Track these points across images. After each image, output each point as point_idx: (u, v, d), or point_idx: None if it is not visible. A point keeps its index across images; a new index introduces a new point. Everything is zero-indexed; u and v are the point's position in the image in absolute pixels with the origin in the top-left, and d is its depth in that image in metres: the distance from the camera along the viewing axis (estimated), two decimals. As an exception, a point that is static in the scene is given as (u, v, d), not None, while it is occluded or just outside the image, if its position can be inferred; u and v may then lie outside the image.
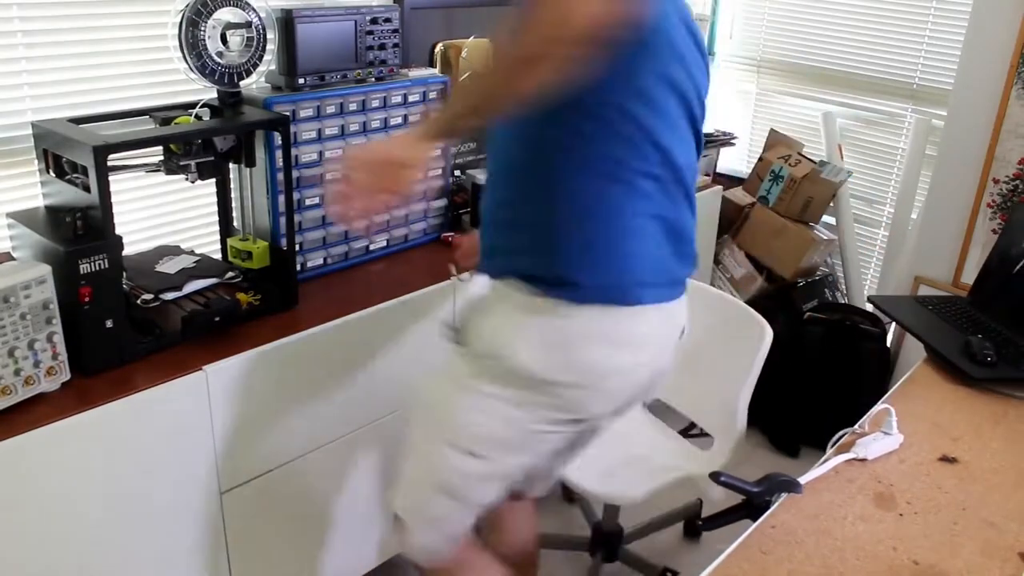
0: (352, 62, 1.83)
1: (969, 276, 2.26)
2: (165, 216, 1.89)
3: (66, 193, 1.45)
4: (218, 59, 1.52)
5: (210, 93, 1.59)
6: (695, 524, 2.18)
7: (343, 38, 1.80)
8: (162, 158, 1.57)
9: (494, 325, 1.27)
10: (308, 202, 1.82)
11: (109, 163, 1.37)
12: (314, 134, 1.79)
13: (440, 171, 2.07)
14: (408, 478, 1.38)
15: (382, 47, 1.88)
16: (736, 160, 3.25)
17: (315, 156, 1.80)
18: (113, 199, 1.37)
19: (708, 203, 2.67)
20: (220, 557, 1.61)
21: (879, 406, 1.41)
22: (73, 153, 1.40)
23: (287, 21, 1.69)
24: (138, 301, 1.54)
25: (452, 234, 2.11)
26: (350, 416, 1.76)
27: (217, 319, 1.55)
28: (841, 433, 1.37)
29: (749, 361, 1.75)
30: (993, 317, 1.74)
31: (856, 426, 1.38)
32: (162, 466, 1.46)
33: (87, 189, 1.38)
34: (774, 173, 2.79)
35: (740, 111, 3.27)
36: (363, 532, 1.90)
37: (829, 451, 1.35)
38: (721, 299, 1.93)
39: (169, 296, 1.58)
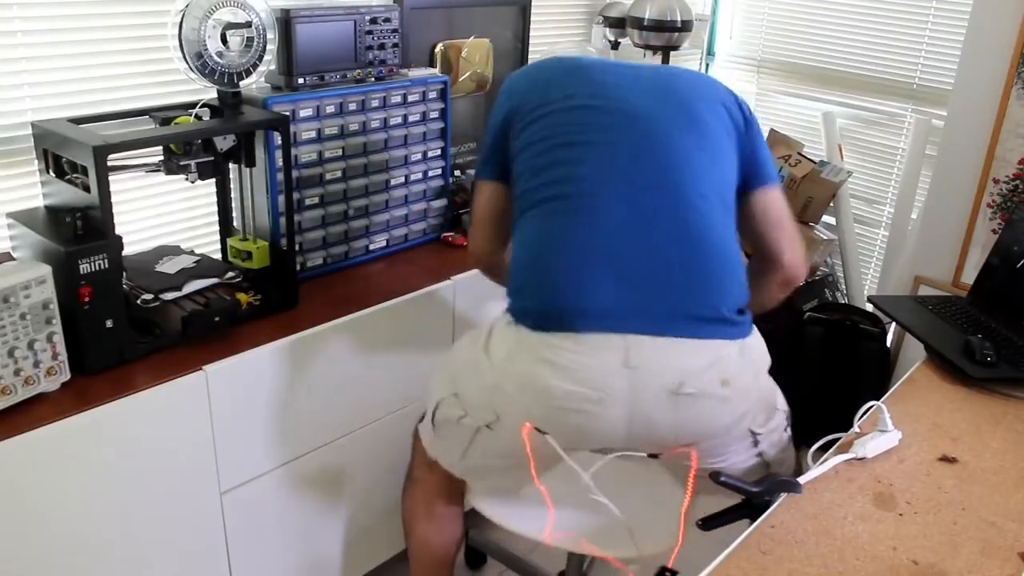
0: (352, 62, 1.83)
1: (969, 276, 2.26)
2: (165, 216, 1.89)
3: (66, 193, 1.45)
4: (218, 59, 1.52)
5: (210, 93, 1.59)
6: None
7: (343, 38, 1.80)
8: (162, 158, 1.57)
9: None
10: (308, 202, 1.82)
11: (109, 163, 1.37)
12: (314, 134, 1.79)
13: (440, 171, 2.07)
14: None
15: (382, 47, 1.88)
16: (736, 160, 3.25)
17: (315, 156, 1.80)
18: (113, 199, 1.37)
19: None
20: (220, 557, 1.61)
21: (868, 407, 1.41)
22: (73, 153, 1.40)
23: (287, 21, 1.69)
24: (138, 301, 1.54)
25: (451, 234, 2.11)
26: (350, 416, 1.76)
27: (217, 319, 1.55)
28: (828, 439, 1.37)
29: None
30: (993, 317, 1.74)
31: (850, 430, 1.38)
32: (162, 466, 1.46)
33: (87, 189, 1.38)
34: (774, 173, 2.79)
35: (740, 111, 3.27)
36: (363, 532, 1.90)
37: (810, 451, 1.35)
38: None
39: (169, 296, 1.58)
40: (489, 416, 1.33)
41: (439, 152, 2.06)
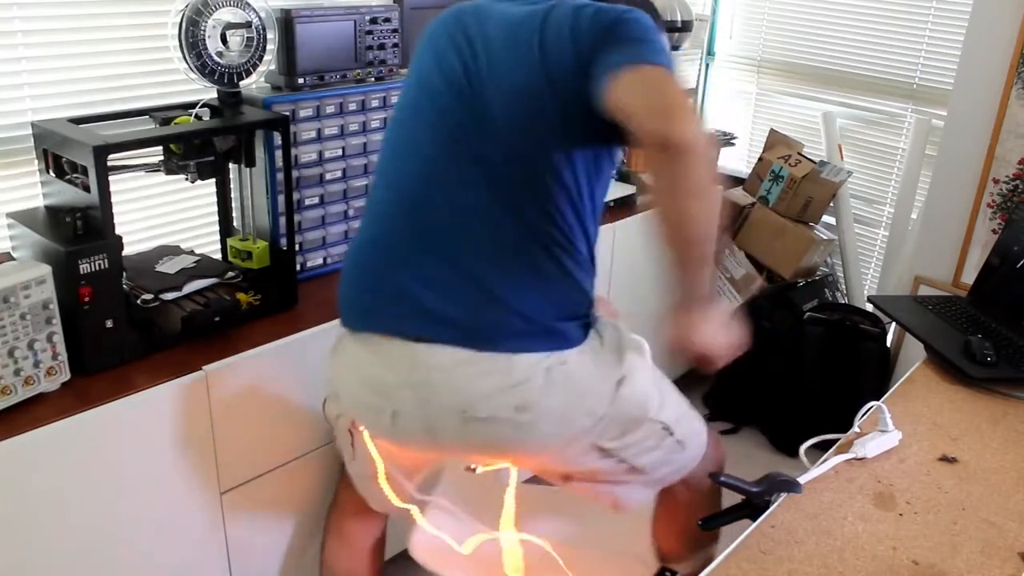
0: (352, 62, 1.83)
1: (969, 276, 2.26)
2: (165, 216, 1.89)
3: (66, 193, 1.45)
4: (218, 59, 1.52)
5: (210, 93, 1.59)
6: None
7: (343, 38, 1.80)
8: (162, 158, 1.57)
9: None
10: (308, 202, 1.82)
11: (109, 163, 1.37)
12: (314, 134, 1.79)
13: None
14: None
15: (381, 47, 1.88)
16: (736, 160, 3.25)
17: (315, 156, 1.80)
18: (113, 199, 1.38)
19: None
20: (220, 557, 1.61)
21: (868, 407, 1.41)
22: (73, 153, 1.40)
23: (287, 21, 1.69)
24: (138, 301, 1.54)
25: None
26: (350, 416, 1.76)
27: (217, 319, 1.55)
28: (826, 438, 1.37)
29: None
30: (993, 317, 1.74)
31: (851, 430, 1.38)
32: (162, 466, 1.46)
33: (87, 189, 1.38)
34: (774, 173, 2.79)
35: (740, 111, 3.27)
36: (363, 532, 1.90)
37: (803, 450, 1.34)
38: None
39: (169, 296, 1.58)
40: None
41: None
